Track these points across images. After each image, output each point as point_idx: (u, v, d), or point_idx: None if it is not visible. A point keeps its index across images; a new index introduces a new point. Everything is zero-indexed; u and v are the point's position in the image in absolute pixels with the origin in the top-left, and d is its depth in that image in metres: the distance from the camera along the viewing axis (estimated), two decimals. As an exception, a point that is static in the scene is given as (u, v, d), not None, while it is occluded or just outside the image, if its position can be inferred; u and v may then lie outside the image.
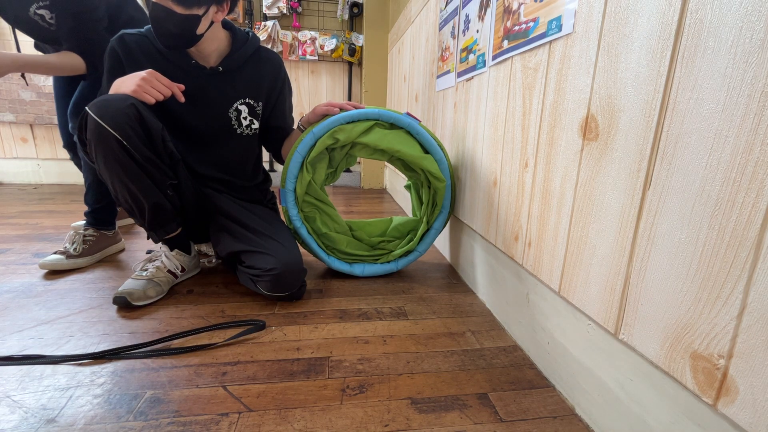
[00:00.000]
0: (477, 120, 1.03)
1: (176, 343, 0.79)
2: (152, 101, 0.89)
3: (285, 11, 2.59)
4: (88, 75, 1.15)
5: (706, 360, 0.42)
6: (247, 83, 1.07)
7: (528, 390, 0.69)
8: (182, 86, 0.94)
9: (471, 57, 1.05)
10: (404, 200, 2.10)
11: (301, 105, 2.80)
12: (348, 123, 1.04)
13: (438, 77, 1.38)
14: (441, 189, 1.09)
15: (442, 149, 1.09)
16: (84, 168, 1.23)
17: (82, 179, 2.64)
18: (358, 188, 2.85)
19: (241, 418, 0.60)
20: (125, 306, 0.92)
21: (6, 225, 1.64)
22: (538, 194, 0.74)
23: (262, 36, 2.57)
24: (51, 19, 1.07)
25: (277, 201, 1.20)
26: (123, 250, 1.36)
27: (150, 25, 0.95)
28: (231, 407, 0.62)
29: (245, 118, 1.09)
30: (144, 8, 1.32)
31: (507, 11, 0.83)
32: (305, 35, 2.63)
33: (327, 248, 1.14)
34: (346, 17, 2.66)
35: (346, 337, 0.84)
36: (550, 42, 0.69)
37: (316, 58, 2.68)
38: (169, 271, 1.03)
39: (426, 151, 1.09)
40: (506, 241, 0.88)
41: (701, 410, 0.43)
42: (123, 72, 0.97)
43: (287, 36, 2.62)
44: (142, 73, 0.88)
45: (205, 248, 1.25)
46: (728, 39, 0.39)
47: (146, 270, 0.99)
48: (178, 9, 0.86)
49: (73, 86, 1.24)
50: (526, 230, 0.79)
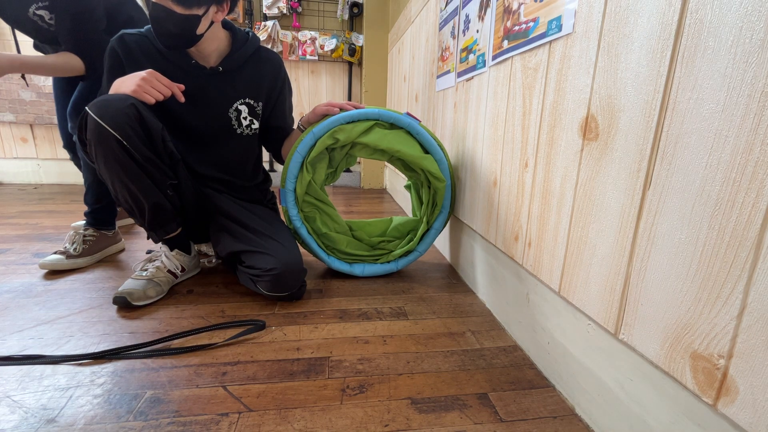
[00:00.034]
0: (477, 120, 1.03)
1: (176, 343, 0.79)
2: (152, 101, 0.89)
3: (285, 11, 2.59)
4: (87, 76, 1.15)
5: (706, 360, 0.42)
6: (247, 83, 1.07)
7: (528, 390, 0.69)
8: (182, 86, 0.94)
9: (471, 57, 1.05)
10: (404, 200, 2.10)
11: (301, 105, 2.80)
12: (348, 123, 1.04)
13: (438, 77, 1.38)
14: (441, 189, 1.09)
15: (442, 149, 1.09)
16: (84, 168, 1.23)
17: (82, 179, 2.63)
18: (358, 188, 2.85)
19: (241, 418, 0.60)
20: (125, 306, 0.93)
21: (6, 225, 1.64)
22: (538, 194, 0.74)
23: (262, 36, 2.57)
24: (50, 20, 1.07)
25: (277, 201, 1.20)
26: (123, 250, 1.36)
27: (150, 25, 0.95)
28: (231, 407, 0.62)
29: (245, 118, 1.09)
30: (143, 8, 1.32)
31: (507, 11, 0.83)
32: (305, 35, 2.63)
33: (327, 248, 1.14)
34: (346, 17, 2.66)
35: (346, 337, 0.84)
36: (550, 42, 0.69)
37: (316, 58, 2.68)
38: (169, 271, 1.03)
39: (426, 151, 1.09)
40: (506, 241, 0.88)
41: (701, 410, 0.43)
42: (123, 72, 0.97)
43: (287, 36, 2.62)
44: (142, 73, 0.88)
45: (205, 248, 1.25)
46: (728, 39, 0.39)
47: (146, 270, 0.99)
48: (178, 9, 0.86)
49: (73, 86, 1.24)
50: (526, 230, 0.79)
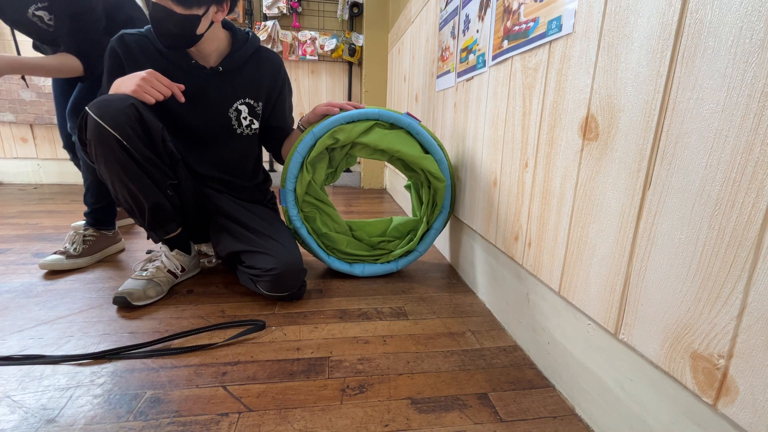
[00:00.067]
0: (477, 120, 1.03)
1: (176, 343, 0.79)
2: (152, 101, 0.89)
3: (285, 11, 2.59)
4: (86, 76, 1.15)
5: (706, 360, 0.42)
6: (247, 83, 1.07)
7: (528, 390, 0.69)
8: (182, 86, 0.94)
9: (471, 57, 1.05)
10: (404, 200, 2.10)
11: (301, 105, 2.80)
12: (348, 123, 1.04)
13: (438, 77, 1.38)
14: (441, 189, 1.09)
15: (442, 149, 1.09)
16: (83, 168, 1.23)
17: (82, 179, 2.64)
18: (358, 188, 2.85)
19: (241, 418, 0.60)
20: (125, 306, 0.93)
21: (6, 225, 1.64)
22: (538, 194, 0.74)
23: (262, 36, 2.56)
24: (50, 21, 1.07)
25: (277, 201, 1.20)
26: (123, 250, 1.36)
27: (150, 25, 0.95)
28: (231, 407, 0.62)
29: (245, 118, 1.09)
30: (143, 8, 1.32)
31: (507, 11, 0.83)
32: (305, 35, 2.63)
33: (327, 248, 1.14)
34: (346, 17, 2.66)
35: (346, 337, 0.84)
36: (550, 42, 0.69)
37: (316, 58, 2.68)
38: (169, 271, 1.03)
39: (426, 151, 1.09)
40: (506, 241, 0.88)
41: (701, 410, 0.43)
42: (123, 72, 0.97)
43: (287, 36, 2.62)
44: (142, 73, 0.88)
45: (205, 248, 1.25)
46: (728, 39, 0.39)
47: (146, 270, 0.99)
48: (178, 9, 0.86)
49: (73, 87, 1.24)
50: (526, 230, 0.79)
